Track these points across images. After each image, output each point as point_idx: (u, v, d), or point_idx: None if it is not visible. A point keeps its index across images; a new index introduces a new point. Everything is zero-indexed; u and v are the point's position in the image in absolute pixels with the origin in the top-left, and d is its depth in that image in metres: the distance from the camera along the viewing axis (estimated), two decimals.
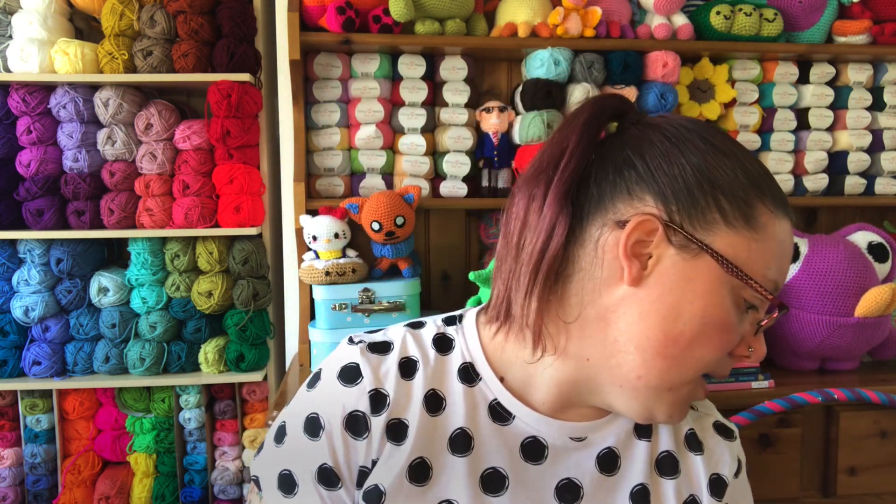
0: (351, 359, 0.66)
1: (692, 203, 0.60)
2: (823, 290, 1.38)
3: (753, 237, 0.59)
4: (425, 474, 0.64)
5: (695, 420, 0.73)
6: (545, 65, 1.55)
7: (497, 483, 0.65)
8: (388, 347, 0.68)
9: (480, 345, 0.68)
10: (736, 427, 0.77)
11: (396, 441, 0.64)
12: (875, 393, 1.29)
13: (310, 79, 1.61)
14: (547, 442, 0.67)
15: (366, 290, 1.45)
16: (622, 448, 0.69)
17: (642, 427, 0.70)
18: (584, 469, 0.67)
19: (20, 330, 1.62)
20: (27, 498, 1.67)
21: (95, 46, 1.56)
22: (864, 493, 1.35)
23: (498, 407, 0.67)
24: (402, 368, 0.66)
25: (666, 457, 0.69)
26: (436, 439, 0.65)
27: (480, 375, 0.67)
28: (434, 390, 0.66)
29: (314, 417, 0.65)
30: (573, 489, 0.66)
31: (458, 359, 0.68)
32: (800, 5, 1.63)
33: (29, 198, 1.56)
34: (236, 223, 1.59)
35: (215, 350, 1.61)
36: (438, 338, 0.70)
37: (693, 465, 0.70)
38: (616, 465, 0.68)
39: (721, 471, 0.71)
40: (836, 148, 1.75)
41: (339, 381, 0.65)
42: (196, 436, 1.67)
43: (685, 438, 0.71)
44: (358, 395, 0.64)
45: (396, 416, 0.64)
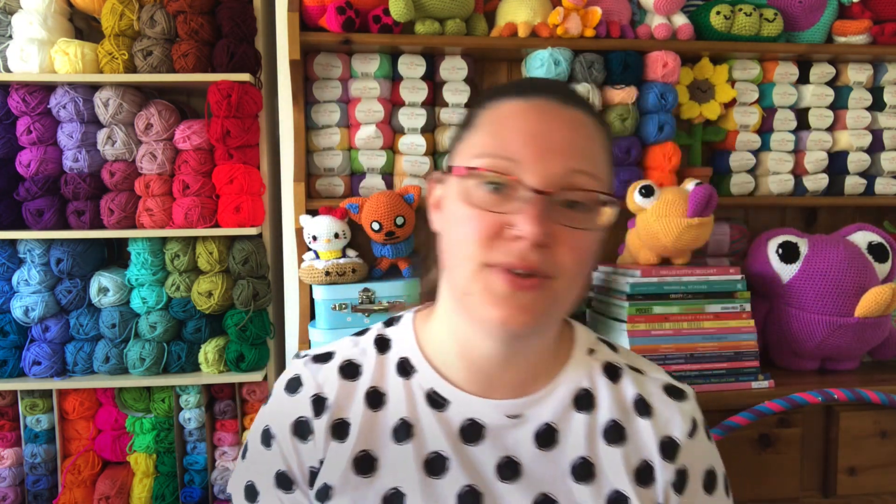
0: (294, 372, 0.74)
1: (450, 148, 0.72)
2: (823, 290, 1.38)
3: (469, 135, 0.68)
4: (370, 465, 0.68)
5: (642, 384, 0.74)
6: (545, 65, 1.55)
7: (439, 465, 0.68)
8: (330, 356, 0.74)
9: (415, 339, 0.74)
10: (689, 388, 0.76)
11: (340, 439, 0.69)
12: (875, 393, 1.30)
13: (310, 79, 1.61)
14: (484, 422, 0.70)
15: (366, 290, 1.45)
16: (560, 422, 0.70)
17: (582, 400, 0.72)
18: (522, 446, 0.69)
19: (20, 330, 1.62)
20: (27, 498, 1.67)
21: (95, 46, 1.56)
22: (864, 493, 1.35)
23: (434, 395, 0.71)
24: (343, 371, 0.72)
25: (612, 425, 0.71)
26: (378, 432, 0.69)
27: (416, 368, 0.72)
28: (375, 388, 0.71)
29: (266, 429, 0.72)
30: (512, 466, 0.69)
31: (396, 355, 0.74)
32: (800, 5, 1.63)
33: (29, 198, 1.56)
34: (236, 223, 1.59)
35: (215, 350, 1.61)
36: (378, 339, 0.76)
37: (641, 429, 0.71)
38: (554, 439, 0.70)
39: (672, 433, 0.71)
40: (836, 148, 1.75)
41: (284, 393, 0.72)
42: (196, 436, 1.67)
43: (634, 404, 0.72)
44: (301, 402, 0.71)
45: (338, 416, 0.70)
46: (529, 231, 0.60)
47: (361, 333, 0.78)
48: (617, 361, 0.76)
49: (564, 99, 0.66)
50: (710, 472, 0.73)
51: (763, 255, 1.49)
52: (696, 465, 0.72)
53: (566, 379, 0.72)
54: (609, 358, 0.76)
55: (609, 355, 0.77)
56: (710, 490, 0.72)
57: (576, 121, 0.66)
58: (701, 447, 0.73)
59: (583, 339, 0.77)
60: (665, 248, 1.40)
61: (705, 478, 0.72)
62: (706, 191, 1.33)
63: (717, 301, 1.38)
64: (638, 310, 1.35)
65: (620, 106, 1.60)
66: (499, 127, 0.65)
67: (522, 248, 0.61)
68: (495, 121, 0.65)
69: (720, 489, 0.74)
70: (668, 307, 1.36)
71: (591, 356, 0.75)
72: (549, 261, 0.62)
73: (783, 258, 1.45)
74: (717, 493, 0.73)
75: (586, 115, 0.67)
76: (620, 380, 0.74)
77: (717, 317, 1.37)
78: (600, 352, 0.77)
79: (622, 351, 0.79)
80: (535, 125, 0.64)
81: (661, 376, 0.76)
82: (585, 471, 0.69)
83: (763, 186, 1.73)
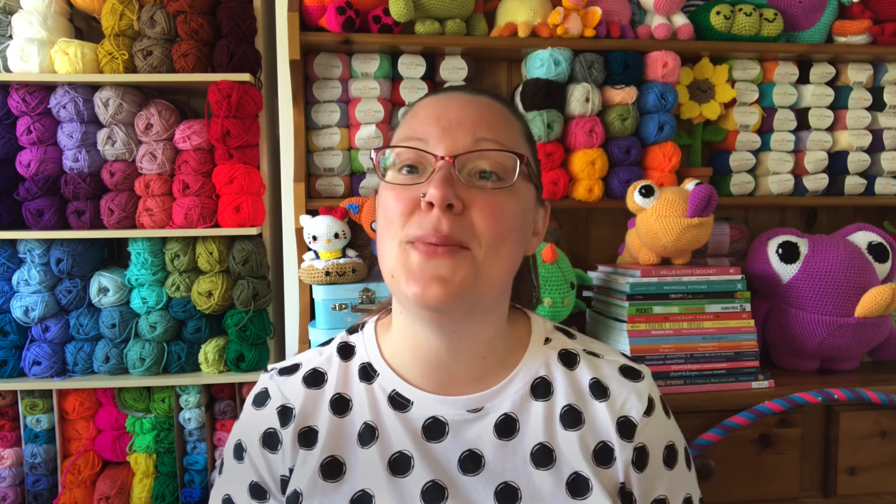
0: (261, 386, 0.77)
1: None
2: (823, 290, 1.38)
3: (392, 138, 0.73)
4: (338, 470, 0.71)
5: (598, 368, 0.76)
6: (545, 65, 1.55)
7: (403, 465, 0.70)
8: (296, 368, 0.77)
9: (376, 344, 0.76)
10: (645, 368, 0.78)
11: (308, 447, 0.72)
12: (875, 393, 1.29)
13: (310, 79, 1.61)
14: (446, 419, 0.72)
15: (366, 290, 1.45)
16: (519, 411, 0.72)
17: (539, 387, 0.74)
18: (483, 438, 0.71)
19: (20, 330, 1.62)
20: (27, 498, 1.67)
21: (95, 46, 1.56)
22: (864, 493, 1.35)
23: (397, 397, 0.73)
24: (307, 381, 0.75)
25: (568, 410, 0.73)
26: (344, 437, 0.72)
27: (378, 371, 0.75)
28: (339, 394, 0.74)
29: (238, 443, 0.75)
30: (475, 459, 0.71)
31: (358, 361, 0.76)
32: (800, 5, 1.63)
33: (29, 198, 1.56)
34: (236, 223, 1.59)
35: (215, 350, 1.61)
36: (342, 347, 0.78)
37: (598, 412, 0.73)
38: (514, 428, 0.72)
39: (629, 413, 0.73)
40: (836, 148, 1.75)
41: (252, 407, 0.75)
42: (196, 436, 1.67)
43: (589, 388, 0.74)
44: (269, 414, 0.74)
45: (305, 424, 0.73)
46: (436, 194, 0.62)
47: (327, 343, 0.81)
48: (573, 348, 0.78)
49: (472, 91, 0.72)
50: (669, 447, 0.74)
51: (763, 255, 1.49)
52: (655, 441, 0.73)
53: (523, 369, 0.74)
54: (565, 345, 0.78)
55: (565, 343, 0.79)
56: (670, 464, 0.74)
57: (481, 103, 0.70)
58: (658, 424, 0.75)
59: (539, 329, 0.79)
60: (665, 248, 1.40)
61: (665, 453, 0.74)
62: (706, 191, 1.33)
63: (717, 301, 1.38)
64: (638, 310, 1.35)
65: (620, 106, 1.60)
66: (410, 119, 0.70)
67: (434, 218, 0.63)
68: (408, 116, 0.71)
69: (681, 462, 0.76)
70: (668, 307, 1.36)
71: (548, 345, 0.77)
72: (464, 227, 0.64)
73: (783, 258, 1.45)
74: (678, 467, 0.75)
75: (495, 101, 0.72)
76: (577, 366, 0.76)
77: (717, 317, 1.37)
78: (556, 340, 0.79)
79: (580, 338, 0.81)
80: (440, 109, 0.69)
81: (617, 358, 0.78)
82: (545, 456, 0.71)
83: (763, 186, 1.73)
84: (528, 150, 0.73)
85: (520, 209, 0.69)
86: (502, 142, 0.68)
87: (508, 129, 0.70)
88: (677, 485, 0.74)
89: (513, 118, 0.73)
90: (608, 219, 1.76)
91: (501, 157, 0.67)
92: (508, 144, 0.68)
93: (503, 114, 0.71)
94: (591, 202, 1.61)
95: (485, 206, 0.65)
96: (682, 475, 0.75)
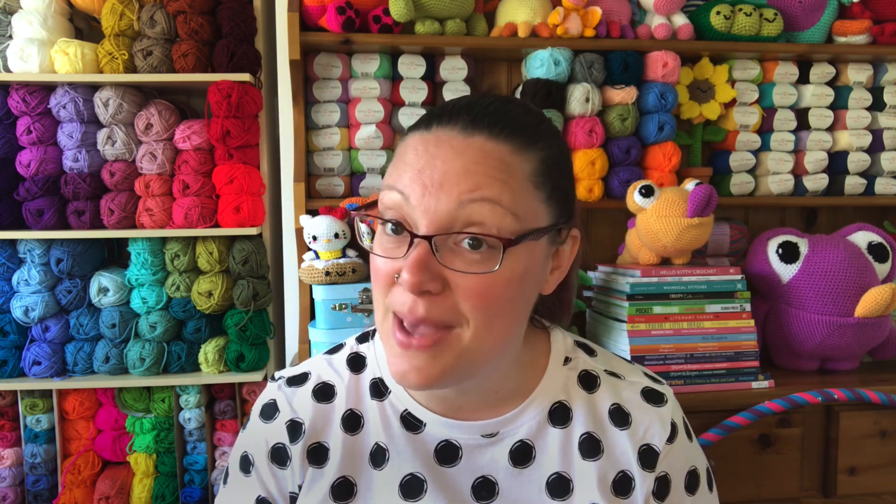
0: (269, 396, 0.72)
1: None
2: (823, 290, 1.39)
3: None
4: (349, 492, 0.68)
5: (619, 392, 0.72)
6: (545, 65, 1.55)
7: (416, 488, 0.67)
8: (305, 378, 0.73)
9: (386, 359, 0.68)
10: (668, 389, 0.74)
11: (318, 464, 0.68)
12: (875, 393, 1.30)
13: (310, 79, 1.61)
14: (460, 443, 0.68)
15: (366, 290, 1.45)
16: (535, 438, 0.69)
17: (557, 414, 0.70)
18: (498, 465, 0.68)
19: (20, 330, 1.61)
20: (27, 498, 1.67)
21: (95, 46, 1.56)
22: (864, 493, 1.35)
23: (409, 417, 0.69)
24: (317, 395, 0.71)
25: (587, 438, 0.69)
26: (357, 457, 0.68)
27: (389, 388, 0.71)
28: (352, 410, 0.70)
29: (245, 456, 0.71)
30: (488, 486, 0.68)
31: (370, 375, 0.72)
32: (800, 5, 1.63)
33: (29, 198, 1.56)
34: (236, 223, 1.59)
35: (215, 350, 1.61)
36: (352, 358, 0.74)
37: (618, 441, 0.69)
38: (530, 456, 0.69)
39: (651, 441, 0.69)
40: (836, 148, 1.75)
41: (260, 420, 0.71)
42: (196, 436, 1.67)
43: (609, 415, 0.71)
44: (277, 428, 0.70)
45: (315, 440, 0.69)
46: (407, 280, 0.56)
47: (335, 351, 0.76)
48: (594, 369, 0.74)
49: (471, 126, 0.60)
50: (691, 472, 0.72)
51: (763, 255, 1.49)
52: (676, 468, 0.71)
53: (541, 394, 0.70)
54: (586, 366, 0.74)
55: (586, 362, 0.74)
56: (691, 490, 0.72)
57: (476, 149, 0.59)
58: (681, 450, 0.72)
59: (559, 348, 0.74)
60: (665, 248, 1.40)
61: (687, 479, 0.71)
62: (706, 191, 1.33)
63: (717, 301, 1.38)
64: (638, 310, 1.35)
65: (620, 106, 1.60)
66: (399, 160, 0.62)
67: (409, 299, 0.58)
68: (399, 153, 0.62)
69: (703, 486, 0.73)
70: (668, 307, 1.36)
71: (567, 366, 0.73)
72: (444, 308, 0.58)
73: (783, 258, 1.45)
74: (700, 491, 0.73)
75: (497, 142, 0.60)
76: (596, 389, 0.72)
77: (717, 317, 1.37)
78: (576, 359, 0.74)
79: (601, 354, 0.77)
80: (425, 159, 0.59)
81: (640, 379, 0.74)
82: (561, 487, 0.68)
83: (763, 186, 1.73)
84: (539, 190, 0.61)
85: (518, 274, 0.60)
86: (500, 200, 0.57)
87: (507, 178, 0.59)
88: None
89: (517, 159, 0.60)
90: (608, 219, 1.76)
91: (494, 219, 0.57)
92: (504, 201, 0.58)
93: (501, 160, 0.59)
94: (591, 202, 1.61)
95: (472, 289, 0.57)
96: (705, 500, 0.73)
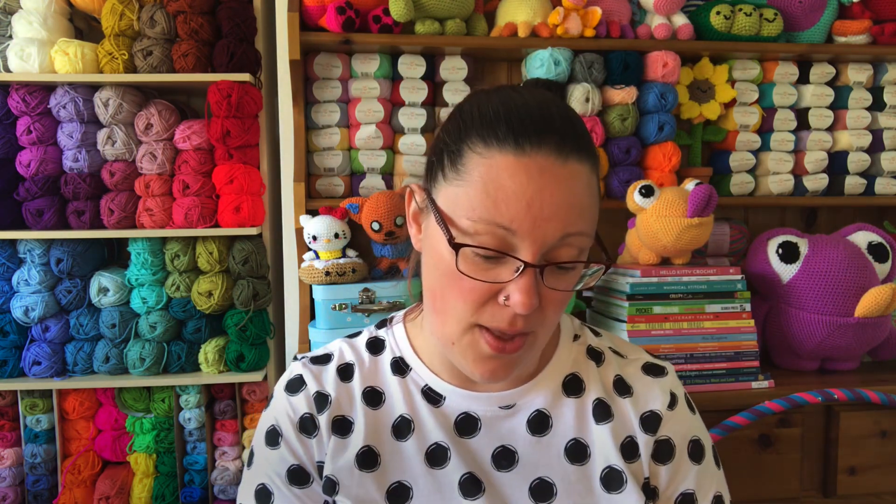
0: (295, 372, 0.75)
1: (429, 166, 0.68)
2: (823, 290, 1.38)
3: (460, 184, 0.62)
4: (373, 461, 0.71)
5: (622, 367, 0.77)
6: (545, 65, 1.55)
7: (441, 456, 0.70)
8: (329, 358, 0.77)
9: (408, 339, 0.76)
10: (669, 365, 0.79)
11: (342, 435, 0.71)
12: (875, 393, 1.29)
13: (310, 79, 1.61)
14: (479, 415, 0.72)
15: (366, 290, 1.45)
16: (551, 408, 0.73)
17: (571, 384, 0.74)
18: (516, 434, 0.72)
19: (20, 330, 1.62)
20: (27, 498, 1.67)
21: (95, 46, 1.56)
22: (864, 493, 1.35)
23: (430, 391, 0.73)
24: (340, 374, 0.75)
25: (598, 404, 0.73)
26: (380, 429, 0.72)
27: (410, 366, 0.75)
28: (371, 387, 0.74)
29: (272, 428, 0.73)
30: (508, 455, 0.71)
31: (390, 355, 0.76)
32: (800, 5, 1.63)
33: (29, 198, 1.56)
34: (236, 223, 1.59)
35: (215, 350, 1.61)
36: (371, 341, 0.78)
37: (623, 408, 0.74)
38: (547, 424, 0.72)
39: (652, 407, 0.73)
40: (836, 148, 1.75)
41: (286, 393, 0.74)
42: (196, 436, 1.67)
43: (613, 384, 0.75)
44: (305, 400, 0.73)
45: (339, 413, 0.72)
46: (522, 303, 0.60)
47: (354, 336, 0.80)
48: (600, 346, 0.79)
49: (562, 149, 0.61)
50: (694, 441, 0.74)
51: (763, 255, 1.49)
52: (679, 435, 0.73)
53: (555, 367, 0.75)
54: (592, 342, 0.79)
55: (592, 340, 0.79)
56: (696, 459, 0.74)
57: (573, 177, 0.61)
58: (682, 418, 0.75)
59: (568, 326, 0.80)
60: (665, 247, 1.40)
61: (691, 447, 0.74)
62: (706, 191, 1.33)
63: (717, 301, 1.38)
64: (638, 310, 1.35)
65: (620, 106, 1.60)
66: (494, 188, 0.59)
67: (510, 316, 0.62)
68: (489, 180, 0.60)
69: (708, 458, 0.75)
70: (668, 307, 1.36)
71: (576, 342, 0.78)
72: (536, 319, 0.63)
73: (783, 258, 1.45)
74: (706, 463, 0.74)
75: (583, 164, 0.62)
76: (602, 363, 0.77)
77: (717, 317, 1.37)
78: (584, 336, 0.79)
79: (605, 335, 0.82)
80: (533, 192, 0.59)
81: (641, 356, 0.79)
82: (579, 452, 0.71)
83: (763, 186, 1.73)
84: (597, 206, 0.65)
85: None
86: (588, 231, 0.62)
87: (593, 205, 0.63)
88: (706, 481, 0.74)
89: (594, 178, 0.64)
90: (608, 219, 1.75)
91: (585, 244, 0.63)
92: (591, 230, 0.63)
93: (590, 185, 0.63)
94: None
95: (558, 303, 0.64)
96: (711, 472, 0.75)
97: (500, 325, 0.62)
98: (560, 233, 0.60)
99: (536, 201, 0.59)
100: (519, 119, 0.61)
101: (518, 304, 0.60)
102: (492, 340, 0.63)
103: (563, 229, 0.60)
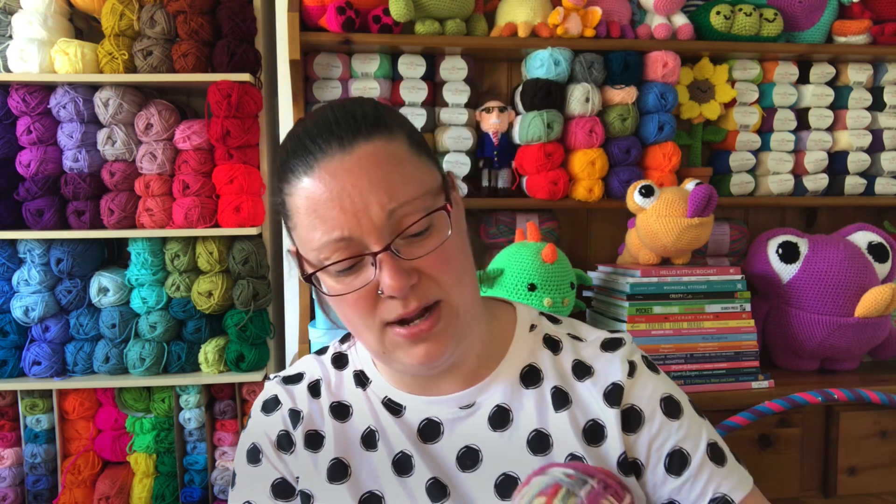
0: (270, 392, 0.78)
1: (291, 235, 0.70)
2: (823, 290, 1.39)
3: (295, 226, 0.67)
4: (343, 472, 0.72)
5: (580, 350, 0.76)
6: (545, 65, 1.55)
7: (406, 464, 0.72)
8: (300, 377, 0.79)
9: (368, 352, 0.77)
10: (627, 335, 0.77)
11: (314, 449, 0.74)
12: (875, 393, 1.30)
13: (310, 79, 1.61)
14: (440, 419, 0.73)
15: None
16: (511, 401, 0.73)
17: (529, 376, 0.74)
18: (479, 433, 0.72)
19: (20, 330, 1.61)
20: (27, 498, 1.67)
21: (95, 46, 1.56)
22: (864, 493, 1.35)
23: (390, 402, 0.75)
24: (311, 391, 0.77)
25: (556, 392, 0.73)
26: (348, 441, 0.74)
27: (370, 378, 0.77)
28: (338, 401, 0.76)
29: (253, 446, 0.75)
30: (472, 455, 0.72)
31: (352, 369, 0.78)
32: (800, 5, 1.63)
33: (29, 198, 1.56)
34: (236, 223, 1.59)
35: (215, 350, 1.61)
36: (336, 356, 0.81)
37: (583, 391, 0.73)
38: (508, 419, 0.73)
39: (613, 380, 0.73)
40: (836, 148, 1.75)
41: (262, 414, 0.76)
42: (196, 436, 1.67)
43: (572, 370, 0.75)
44: (280, 418, 0.75)
45: (312, 427, 0.75)
46: (390, 286, 0.62)
47: (322, 352, 0.82)
48: (556, 333, 0.78)
49: (344, 141, 0.63)
50: (666, 398, 0.72)
51: (763, 255, 1.49)
52: (644, 399, 0.72)
53: (511, 359, 0.75)
54: (549, 330, 0.78)
55: (549, 328, 0.79)
56: (674, 415, 0.72)
57: (366, 158, 0.63)
58: (644, 382, 0.73)
59: (524, 317, 0.79)
60: (665, 247, 1.40)
61: (664, 405, 0.72)
62: (706, 191, 1.33)
63: (717, 301, 1.38)
64: (638, 310, 1.35)
65: (620, 106, 1.60)
66: (311, 214, 0.63)
67: (399, 301, 0.64)
68: (305, 209, 0.64)
69: (687, 410, 0.73)
70: (668, 307, 1.36)
71: (533, 332, 0.77)
72: (427, 288, 0.64)
73: (783, 258, 1.45)
74: (686, 416, 0.72)
75: (372, 141, 0.64)
76: (560, 350, 0.76)
77: (718, 317, 1.37)
78: (541, 326, 0.79)
79: (565, 322, 0.81)
80: (336, 194, 0.62)
81: (601, 335, 0.78)
82: (541, 442, 0.71)
83: (763, 186, 1.73)
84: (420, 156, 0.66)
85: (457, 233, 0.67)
86: (413, 193, 0.63)
87: (409, 167, 0.64)
88: (692, 432, 0.71)
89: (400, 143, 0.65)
90: (608, 219, 1.76)
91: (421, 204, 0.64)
92: (415, 190, 0.63)
93: (392, 153, 0.64)
94: (591, 202, 1.61)
95: (436, 262, 0.64)
96: (695, 423, 0.72)
97: (399, 313, 0.64)
98: (384, 212, 0.62)
99: (345, 200, 0.62)
100: (302, 145, 0.64)
101: (388, 288, 0.62)
102: (402, 330, 0.65)
103: (384, 207, 0.62)
